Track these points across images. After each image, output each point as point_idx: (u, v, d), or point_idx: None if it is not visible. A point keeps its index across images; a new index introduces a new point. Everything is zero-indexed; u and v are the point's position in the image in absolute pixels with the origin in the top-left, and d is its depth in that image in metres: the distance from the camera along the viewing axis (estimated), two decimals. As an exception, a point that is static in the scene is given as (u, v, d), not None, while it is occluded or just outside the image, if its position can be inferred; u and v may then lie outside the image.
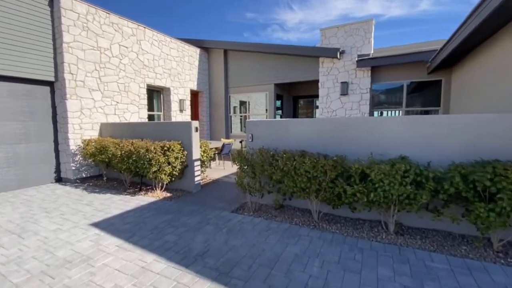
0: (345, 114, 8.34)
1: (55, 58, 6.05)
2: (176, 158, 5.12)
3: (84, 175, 6.49)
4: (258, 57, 9.99)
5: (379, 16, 42.01)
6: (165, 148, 5.04)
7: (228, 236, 3.30)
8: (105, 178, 6.47)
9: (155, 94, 9.05)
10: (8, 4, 5.25)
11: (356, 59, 8.01)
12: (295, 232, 3.38)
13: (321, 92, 8.67)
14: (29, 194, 5.31)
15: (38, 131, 6.04)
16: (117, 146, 5.50)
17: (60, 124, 6.28)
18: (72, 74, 6.11)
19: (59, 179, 6.43)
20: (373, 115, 8.37)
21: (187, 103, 9.90)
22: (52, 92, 6.23)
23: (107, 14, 6.88)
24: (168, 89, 9.13)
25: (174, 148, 5.09)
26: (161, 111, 9.28)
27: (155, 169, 4.89)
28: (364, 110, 8.11)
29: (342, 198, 3.34)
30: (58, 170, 6.41)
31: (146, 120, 8.17)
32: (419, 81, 7.77)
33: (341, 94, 8.30)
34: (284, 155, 3.63)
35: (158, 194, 5.18)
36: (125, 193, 5.36)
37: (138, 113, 7.86)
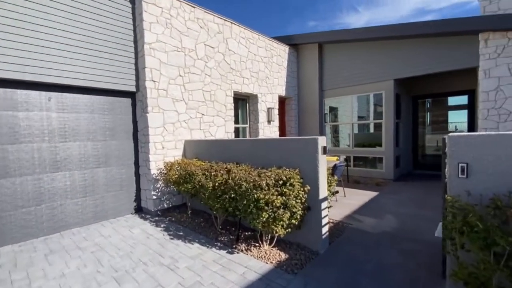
0: (544, 116, 5.07)
1: (136, 63, 5.01)
2: (296, 197, 3.15)
3: (166, 205, 5.22)
4: (368, 47, 7.55)
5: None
6: (281, 181, 3.13)
7: None
8: (189, 211, 5.04)
9: (239, 103, 7.57)
10: (85, 6, 4.37)
11: None
12: None
13: (485, 85, 5.60)
14: (104, 234, 4.14)
15: (119, 151, 5.03)
16: (206, 174, 3.92)
17: (141, 143, 5.19)
18: (154, 81, 4.96)
19: (139, 209, 5.30)
20: None
21: (275, 112, 8.12)
22: (134, 105, 5.20)
23: (192, 8, 5.67)
24: (256, 96, 7.53)
25: (293, 182, 3.14)
26: (246, 123, 7.73)
27: (267, 215, 3.01)
28: None
29: None
30: (138, 199, 5.30)
31: (233, 135, 6.67)
32: None
33: (532, 85, 5.11)
34: None
35: (267, 254, 3.27)
36: (218, 243, 3.66)
37: (224, 127, 6.41)
